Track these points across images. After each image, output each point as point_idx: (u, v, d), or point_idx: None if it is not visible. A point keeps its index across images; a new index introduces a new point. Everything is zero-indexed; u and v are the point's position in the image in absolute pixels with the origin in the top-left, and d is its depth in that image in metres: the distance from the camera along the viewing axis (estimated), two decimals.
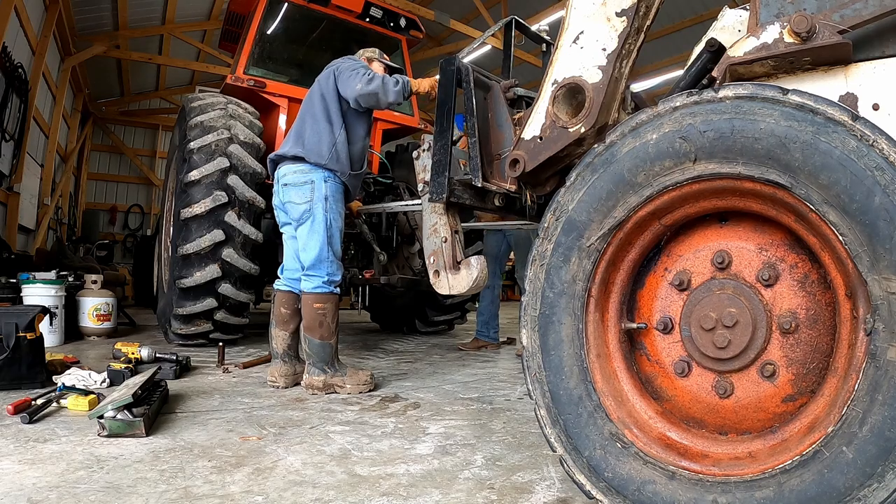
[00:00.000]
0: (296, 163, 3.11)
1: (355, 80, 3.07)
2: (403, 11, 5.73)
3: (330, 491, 1.66)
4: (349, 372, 3.12)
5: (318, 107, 3.17)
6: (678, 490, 1.26)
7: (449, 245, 2.63)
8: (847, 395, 1.12)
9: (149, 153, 15.65)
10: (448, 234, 2.63)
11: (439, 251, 2.64)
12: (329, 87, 3.17)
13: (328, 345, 3.08)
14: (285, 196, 3.14)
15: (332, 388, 3.07)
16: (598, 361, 1.45)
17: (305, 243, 3.08)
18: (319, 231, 3.06)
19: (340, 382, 3.08)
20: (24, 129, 7.83)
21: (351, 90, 3.08)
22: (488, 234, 5.06)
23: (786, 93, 1.18)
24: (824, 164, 1.13)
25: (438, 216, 2.63)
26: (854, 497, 1.06)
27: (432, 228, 2.70)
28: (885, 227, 1.07)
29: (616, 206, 1.39)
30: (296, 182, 3.09)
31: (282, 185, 3.17)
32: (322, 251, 3.06)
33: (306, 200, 3.06)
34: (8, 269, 5.61)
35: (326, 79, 3.21)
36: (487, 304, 5.08)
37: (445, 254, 2.62)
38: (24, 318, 2.94)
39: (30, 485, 1.63)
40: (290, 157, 3.12)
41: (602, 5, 1.63)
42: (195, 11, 11.73)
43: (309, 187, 3.07)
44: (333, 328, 3.11)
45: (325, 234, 3.07)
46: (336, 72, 3.19)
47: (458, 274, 2.57)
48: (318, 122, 3.13)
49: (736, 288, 1.33)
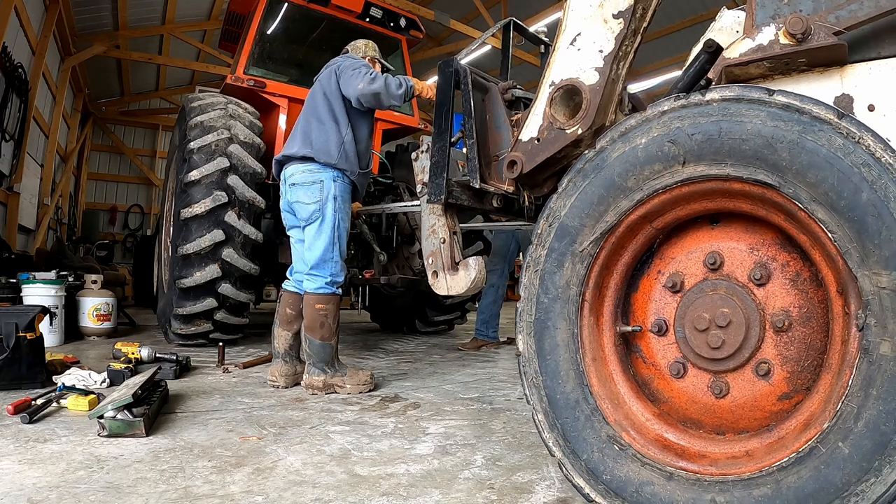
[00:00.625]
0: (304, 163, 3.10)
1: (357, 78, 3.05)
2: (403, 11, 5.74)
3: (330, 491, 1.67)
4: (349, 372, 3.12)
5: (323, 107, 3.15)
6: (676, 490, 1.27)
7: (447, 246, 2.64)
8: (841, 391, 1.12)
9: (149, 153, 15.65)
10: (446, 236, 2.64)
11: (437, 252, 2.66)
12: (331, 86, 3.15)
13: (328, 345, 3.08)
14: (293, 196, 3.12)
15: (332, 389, 3.08)
16: (594, 365, 1.46)
17: (312, 242, 3.08)
18: (327, 231, 3.06)
19: (340, 382, 3.08)
20: (24, 129, 7.84)
21: (353, 89, 3.06)
22: (497, 234, 5.07)
23: (772, 94, 1.19)
24: (811, 162, 1.14)
25: (437, 217, 2.63)
26: (852, 492, 1.06)
27: (431, 230, 2.71)
28: (873, 223, 1.08)
29: (608, 210, 1.40)
30: (304, 181, 3.08)
31: (289, 185, 3.15)
32: (328, 251, 3.06)
33: (315, 200, 3.06)
34: (8, 269, 5.61)
35: (328, 78, 3.19)
36: (489, 304, 5.07)
37: (444, 255, 2.64)
38: (24, 318, 2.95)
39: (30, 485, 1.64)
40: (299, 157, 3.11)
41: (599, 7, 1.64)
42: (195, 11, 11.73)
43: (318, 187, 3.06)
44: (334, 329, 3.11)
45: (333, 234, 3.07)
46: (338, 70, 3.17)
47: (456, 275, 2.59)
48: (324, 122, 3.12)
49: (728, 288, 1.34)
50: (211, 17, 11.96)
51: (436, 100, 2.13)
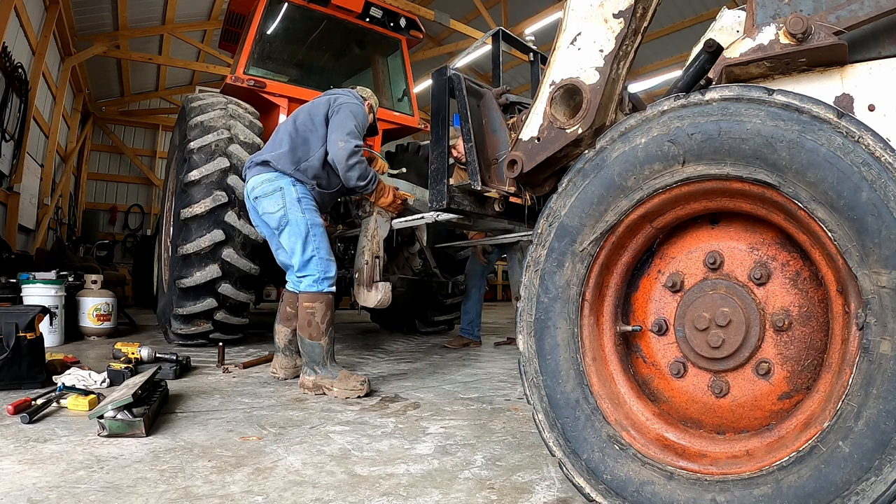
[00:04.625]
0: (264, 171, 3.16)
1: (345, 141, 3.08)
2: (403, 11, 5.75)
3: (330, 491, 1.67)
4: (341, 375, 3.04)
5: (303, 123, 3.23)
6: (677, 490, 1.27)
7: (370, 267, 3.37)
8: (842, 390, 1.12)
9: (149, 153, 15.64)
10: (370, 259, 3.36)
11: (363, 269, 3.40)
12: (320, 113, 3.23)
13: (317, 345, 3.07)
14: (261, 208, 3.17)
15: (320, 390, 3.06)
16: (595, 365, 1.46)
17: (290, 247, 3.12)
18: (299, 233, 3.09)
19: (329, 385, 3.03)
20: (24, 129, 7.83)
21: (334, 146, 3.11)
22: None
23: (771, 93, 1.19)
24: (811, 161, 1.14)
25: (367, 241, 3.40)
26: (852, 491, 1.06)
27: (361, 250, 3.45)
28: (873, 222, 1.08)
29: (608, 210, 1.40)
30: (266, 192, 3.13)
31: (253, 198, 3.19)
32: (306, 251, 3.09)
33: (280, 207, 3.10)
34: (8, 269, 5.61)
35: (322, 104, 3.27)
36: (473, 303, 5.42)
37: (366, 273, 3.39)
38: (24, 318, 2.95)
39: (30, 485, 1.64)
40: (259, 162, 3.18)
41: (599, 7, 1.64)
42: (195, 11, 11.73)
43: (279, 194, 3.11)
44: (323, 329, 3.08)
45: (306, 234, 3.09)
46: (335, 103, 3.24)
47: (370, 292, 3.32)
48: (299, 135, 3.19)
49: (728, 288, 1.34)
50: (211, 17, 11.97)
51: (431, 108, 2.15)
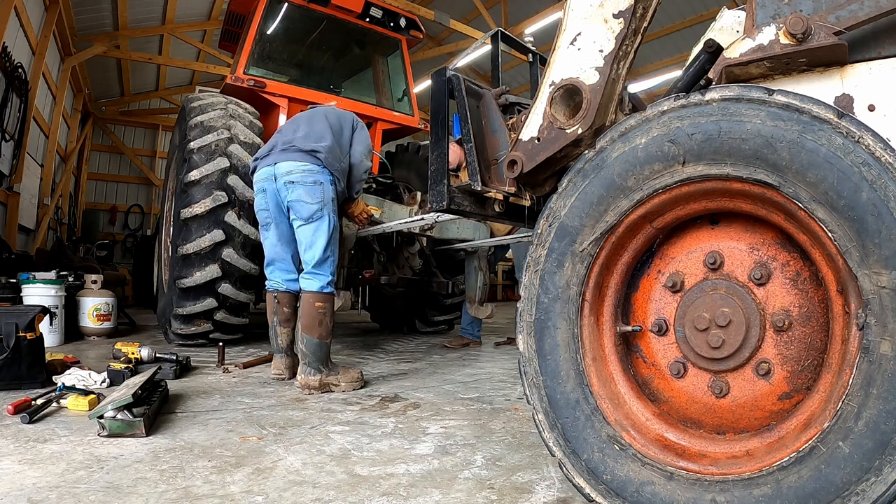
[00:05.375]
0: (305, 161, 3.13)
1: (366, 150, 3.43)
2: (403, 11, 5.75)
3: (330, 491, 1.67)
4: (341, 371, 3.19)
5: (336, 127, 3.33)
6: (677, 490, 1.27)
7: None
8: (842, 391, 1.12)
9: (149, 153, 15.64)
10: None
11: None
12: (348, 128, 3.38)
13: (325, 344, 3.13)
14: (293, 194, 3.11)
15: (327, 388, 3.11)
16: (595, 365, 1.46)
17: (312, 241, 3.12)
18: (328, 232, 3.12)
19: (335, 381, 3.13)
20: (24, 129, 7.83)
21: (362, 147, 3.39)
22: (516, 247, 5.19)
23: (771, 93, 1.19)
24: (811, 162, 1.14)
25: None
26: (852, 492, 1.06)
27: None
28: (873, 222, 1.08)
29: (608, 210, 1.40)
30: (305, 181, 3.11)
31: (285, 182, 3.13)
32: (326, 251, 3.13)
33: (318, 201, 3.10)
34: (8, 269, 5.61)
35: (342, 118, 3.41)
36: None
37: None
38: (24, 318, 2.95)
39: (30, 485, 1.64)
40: (307, 150, 3.15)
41: (599, 7, 1.64)
42: (195, 11, 11.73)
43: (319, 188, 3.11)
44: (330, 328, 3.18)
45: (331, 235, 3.14)
46: (354, 124, 3.43)
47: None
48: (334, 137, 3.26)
49: (728, 288, 1.34)
50: (211, 17, 11.97)
51: (431, 109, 2.15)
